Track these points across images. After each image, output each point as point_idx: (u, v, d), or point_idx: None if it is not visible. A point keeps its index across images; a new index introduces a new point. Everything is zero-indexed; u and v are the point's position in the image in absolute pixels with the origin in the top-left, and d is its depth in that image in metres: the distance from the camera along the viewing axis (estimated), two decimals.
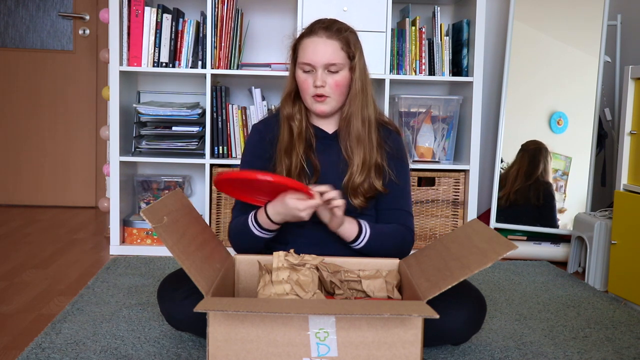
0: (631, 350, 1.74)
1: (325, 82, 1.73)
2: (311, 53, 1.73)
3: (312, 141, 1.81)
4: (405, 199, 1.85)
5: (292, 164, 1.76)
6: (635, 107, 2.22)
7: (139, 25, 2.70)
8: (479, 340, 1.77)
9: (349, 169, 1.77)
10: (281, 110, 1.83)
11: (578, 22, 2.84)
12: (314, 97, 1.75)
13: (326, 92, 1.74)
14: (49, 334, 1.73)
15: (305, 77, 1.75)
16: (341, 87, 1.76)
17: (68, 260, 2.62)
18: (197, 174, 3.08)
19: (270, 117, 1.91)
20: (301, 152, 1.77)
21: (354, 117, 1.77)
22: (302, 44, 1.77)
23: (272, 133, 1.83)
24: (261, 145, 1.83)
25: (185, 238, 1.47)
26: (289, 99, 1.82)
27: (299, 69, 1.77)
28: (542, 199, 2.84)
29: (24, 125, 3.86)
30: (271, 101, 2.92)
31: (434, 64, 2.83)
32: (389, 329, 1.29)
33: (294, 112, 1.81)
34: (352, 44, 1.78)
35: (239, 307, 1.24)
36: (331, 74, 1.74)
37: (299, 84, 1.78)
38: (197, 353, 1.63)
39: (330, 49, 1.73)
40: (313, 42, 1.74)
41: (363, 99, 1.78)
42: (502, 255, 1.36)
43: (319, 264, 1.57)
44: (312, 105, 1.77)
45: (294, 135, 1.79)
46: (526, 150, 2.87)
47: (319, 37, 1.75)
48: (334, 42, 1.74)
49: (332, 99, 1.76)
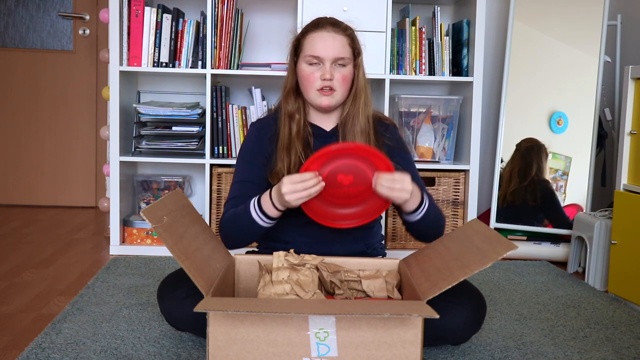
0: (631, 350, 1.74)
1: (333, 76, 1.74)
2: (321, 46, 1.74)
3: (309, 139, 1.81)
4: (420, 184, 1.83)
5: (291, 161, 1.76)
6: (635, 107, 2.22)
7: (139, 25, 2.70)
8: (479, 340, 1.77)
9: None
10: (283, 106, 1.83)
11: (578, 22, 2.85)
12: (321, 90, 1.75)
13: (334, 85, 1.75)
14: (49, 334, 1.73)
15: (311, 70, 1.76)
16: (347, 81, 1.77)
17: (68, 260, 2.62)
18: (197, 174, 3.07)
19: (268, 116, 1.90)
20: (300, 149, 1.77)
21: (360, 114, 1.79)
22: (308, 38, 1.78)
23: (271, 131, 1.83)
24: (260, 142, 1.83)
25: (185, 238, 1.47)
26: (291, 94, 1.82)
27: (303, 62, 1.77)
28: (539, 199, 2.83)
29: (24, 125, 3.86)
30: (271, 101, 2.92)
31: (434, 64, 2.83)
32: (389, 329, 1.29)
33: (295, 109, 1.81)
34: (356, 41, 1.82)
35: (239, 307, 1.24)
36: (338, 68, 1.75)
37: (303, 77, 1.77)
38: (197, 353, 1.63)
39: (339, 43, 1.75)
40: (322, 37, 1.76)
41: (365, 97, 1.80)
42: (502, 255, 1.36)
43: (319, 264, 1.57)
44: (317, 99, 1.76)
45: (292, 134, 1.79)
46: (519, 149, 2.87)
47: (327, 31, 1.77)
48: (342, 37, 1.77)
49: (339, 93, 1.77)
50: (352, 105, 1.80)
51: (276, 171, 1.77)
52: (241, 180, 1.80)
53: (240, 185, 1.79)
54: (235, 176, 1.83)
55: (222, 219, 1.76)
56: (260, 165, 1.80)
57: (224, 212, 1.77)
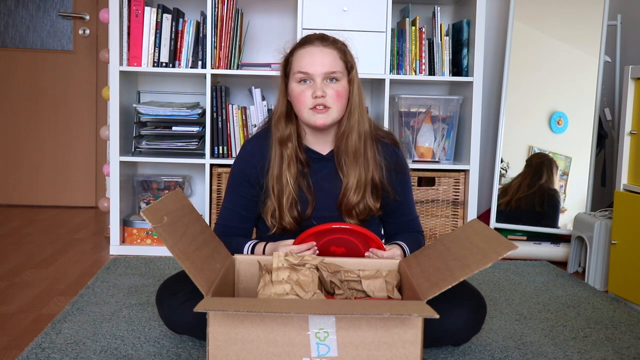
0: (631, 350, 1.74)
1: (326, 93, 1.65)
2: (309, 62, 1.66)
3: (304, 168, 1.74)
4: (411, 209, 1.88)
5: (283, 193, 1.71)
6: (635, 107, 2.22)
7: (139, 25, 2.70)
8: (479, 340, 1.77)
9: (343, 186, 1.73)
10: (274, 132, 1.75)
11: (578, 22, 2.84)
12: (314, 109, 1.66)
13: (327, 102, 1.66)
14: (49, 334, 1.73)
15: (302, 89, 1.67)
16: (342, 97, 1.68)
17: (68, 260, 2.62)
18: (197, 174, 3.07)
19: (263, 132, 1.82)
20: (292, 181, 1.71)
21: (352, 132, 1.71)
22: (296, 55, 1.70)
23: (263, 159, 1.75)
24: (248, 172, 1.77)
25: (185, 238, 1.47)
26: (282, 120, 1.73)
27: (293, 82, 1.69)
28: (545, 205, 2.83)
29: (24, 125, 3.86)
30: (271, 101, 2.92)
31: (434, 64, 2.83)
32: (389, 329, 1.29)
33: (286, 135, 1.72)
34: (349, 54, 1.73)
35: (239, 307, 1.24)
36: (331, 84, 1.67)
37: (294, 97, 1.69)
38: (197, 353, 1.63)
39: (329, 57, 1.67)
40: (309, 52, 1.68)
41: (360, 114, 1.72)
42: (502, 255, 1.36)
43: (319, 264, 1.57)
44: (311, 118, 1.67)
45: (283, 163, 1.71)
46: (530, 165, 2.86)
47: (315, 46, 1.68)
48: (332, 50, 1.69)
49: (334, 111, 1.68)
50: (347, 123, 1.71)
51: (267, 206, 1.75)
52: (228, 208, 1.83)
53: (228, 213, 1.83)
54: (225, 198, 1.85)
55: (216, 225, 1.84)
56: (246, 196, 1.79)
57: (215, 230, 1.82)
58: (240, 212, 1.81)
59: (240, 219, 1.82)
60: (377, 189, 1.76)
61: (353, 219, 1.74)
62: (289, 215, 1.72)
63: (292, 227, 1.73)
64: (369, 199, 1.74)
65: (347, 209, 1.73)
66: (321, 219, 1.71)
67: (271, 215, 1.74)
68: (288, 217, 1.72)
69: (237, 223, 1.82)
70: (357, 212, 1.73)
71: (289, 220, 1.72)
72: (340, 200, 1.74)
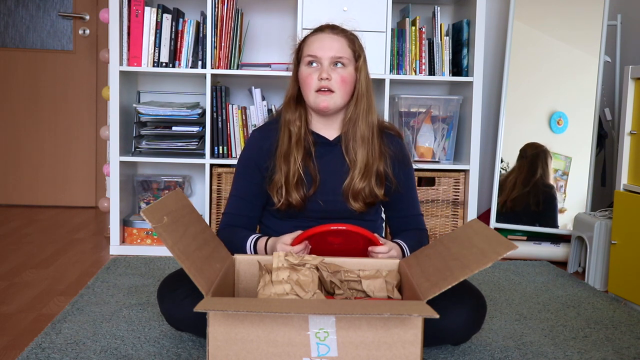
0: (631, 350, 1.74)
1: (331, 76, 1.72)
2: (318, 46, 1.74)
3: (311, 148, 1.79)
4: (414, 203, 1.89)
5: (290, 170, 1.75)
6: (635, 107, 2.22)
7: (139, 25, 2.70)
8: (479, 340, 1.77)
9: (351, 171, 1.76)
10: (283, 114, 1.81)
11: (578, 22, 2.85)
12: (318, 91, 1.73)
13: (332, 86, 1.72)
14: (49, 334, 1.73)
15: (310, 71, 1.74)
16: (347, 83, 1.74)
17: (68, 260, 2.62)
18: (197, 174, 3.08)
19: (270, 123, 1.88)
20: (299, 159, 1.75)
21: (359, 119, 1.76)
22: (307, 41, 1.78)
23: (270, 141, 1.81)
24: (256, 157, 1.81)
25: (185, 238, 1.47)
26: (291, 103, 1.80)
27: (302, 65, 1.76)
28: (541, 204, 2.83)
29: (24, 125, 3.86)
30: (271, 101, 2.92)
31: (434, 64, 2.83)
32: (389, 329, 1.29)
33: (294, 117, 1.79)
34: (357, 44, 1.79)
35: (239, 307, 1.24)
36: (337, 69, 1.73)
37: (302, 80, 1.76)
38: (197, 353, 1.63)
39: (337, 44, 1.74)
40: (319, 38, 1.76)
41: (367, 103, 1.77)
42: (502, 255, 1.36)
43: (319, 264, 1.57)
44: (315, 100, 1.74)
45: (292, 142, 1.77)
46: (524, 157, 2.86)
47: (325, 33, 1.76)
48: (341, 38, 1.76)
49: (337, 95, 1.73)
50: (354, 110, 1.77)
51: (274, 181, 1.77)
52: (236, 196, 1.84)
53: (236, 201, 1.84)
54: (232, 187, 1.87)
55: (219, 228, 1.83)
56: (254, 182, 1.81)
57: (221, 223, 1.84)
58: (249, 200, 1.83)
59: (248, 207, 1.83)
60: (382, 178, 1.79)
61: (358, 203, 1.77)
62: (295, 191, 1.75)
63: (298, 203, 1.76)
64: (374, 186, 1.77)
65: (354, 194, 1.76)
66: (325, 202, 1.77)
67: (277, 191, 1.77)
68: (295, 194, 1.75)
69: (245, 211, 1.83)
70: (364, 196, 1.76)
71: (295, 197, 1.75)
72: (347, 185, 1.77)
